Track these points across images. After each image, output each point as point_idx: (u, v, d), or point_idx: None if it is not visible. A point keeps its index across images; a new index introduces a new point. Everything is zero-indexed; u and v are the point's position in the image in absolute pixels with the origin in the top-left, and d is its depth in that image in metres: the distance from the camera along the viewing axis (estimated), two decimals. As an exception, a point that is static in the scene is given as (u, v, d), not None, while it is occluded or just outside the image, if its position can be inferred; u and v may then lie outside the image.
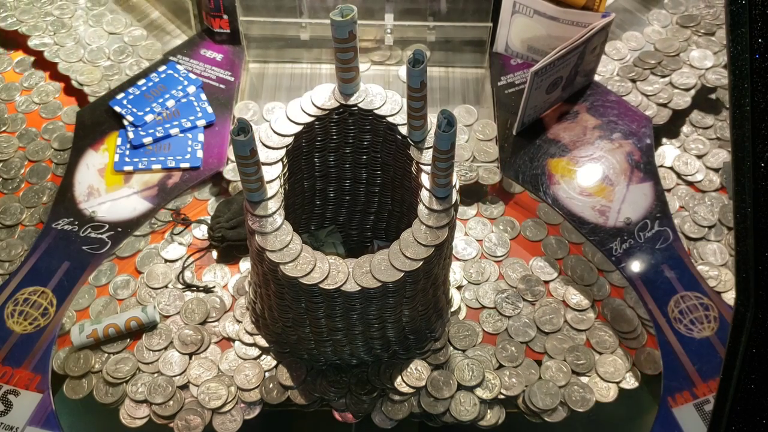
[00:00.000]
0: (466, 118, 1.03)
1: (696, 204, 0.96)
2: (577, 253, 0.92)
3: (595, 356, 0.84)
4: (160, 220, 0.94)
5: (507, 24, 1.04)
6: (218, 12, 1.06)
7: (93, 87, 1.05)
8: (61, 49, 1.10)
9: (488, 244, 0.93)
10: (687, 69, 1.07)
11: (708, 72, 1.06)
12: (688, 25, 1.12)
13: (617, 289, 0.89)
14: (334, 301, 0.72)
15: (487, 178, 0.96)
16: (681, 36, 1.11)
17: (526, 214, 0.96)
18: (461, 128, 1.01)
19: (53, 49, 1.10)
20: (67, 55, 1.09)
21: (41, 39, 1.11)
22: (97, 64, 1.08)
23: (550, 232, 0.94)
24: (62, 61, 1.08)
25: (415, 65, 0.67)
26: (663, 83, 1.05)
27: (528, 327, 0.86)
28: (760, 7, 0.54)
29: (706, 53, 1.08)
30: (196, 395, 0.80)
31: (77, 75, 1.07)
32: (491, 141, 1.00)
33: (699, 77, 1.06)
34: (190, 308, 0.87)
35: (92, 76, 1.06)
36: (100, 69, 1.07)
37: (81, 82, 1.06)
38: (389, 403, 0.81)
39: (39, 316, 0.83)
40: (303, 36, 1.09)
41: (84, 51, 1.09)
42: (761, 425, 0.54)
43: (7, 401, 0.78)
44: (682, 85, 1.05)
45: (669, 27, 1.12)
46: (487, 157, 0.98)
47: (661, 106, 1.03)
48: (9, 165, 1.00)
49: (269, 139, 0.75)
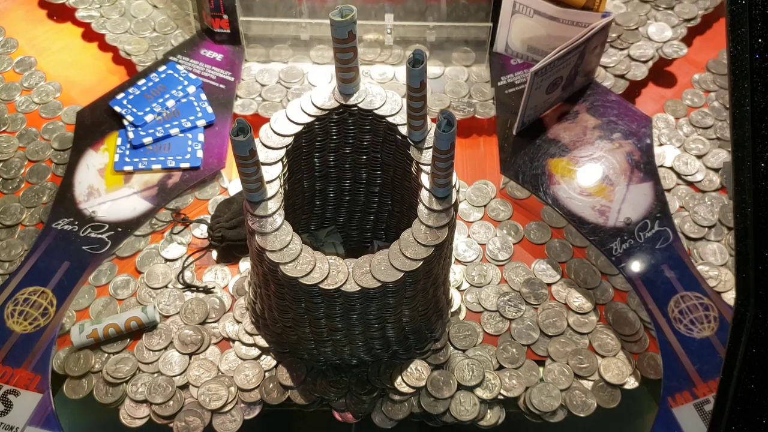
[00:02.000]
0: (464, 59, 1.09)
1: (696, 204, 0.95)
2: (581, 257, 0.92)
3: (597, 360, 0.84)
4: (160, 220, 0.94)
5: (507, 24, 1.04)
6: (218, 12, 1.06)
7: (140, 57, 1.09)
8: (108, 21, 1.13)
9: (491, 247, 0.93)
10: (644, 42, 1.10)
11: (665, 45, 1.10)
12: (649, 1, 1.15)
13: (620, 293, 0.89)
14: (334, 301, 0.72)
15: (483, 113, 1.02)
16: (641, 10, 1.14)
17: (530, 217, 0.96)
18: (461, 68, 1.06)
19: (100, 21, 1.13)
20: (114, 27, 1.12)
21: (88, 11, 1.14)
22: (143, 36, 1.11)
23: (554, 235, 0.94)
24: (109, 32, 1.12)
25: (415, 65, 0.67)
26: (622, 55, 1.09)
27: (531, 330, 0.86)
28: (760, 7, 0.54)
29: (664, 26, 1.11)
30: (197, 396, 0.80)
31: (125, 45, 1.10)
32: (487, 83, 1.06)
33: (657, 50, 1.09)
34: (190, 308, 0.87)
35: (139, 46, 1.10)
36: (146, 40, 1.11)
37: (129, 51, 1.09)
38: (389, 403, 0.81)
39: (39, 316, 0.83)
40: (303, 36, 1.09)
41: (130, 23, 1.13)
42: (761, 425, 0.54)
43: (7, 401, 0.78)
44: (639, 57, 1.08)
45: (630, 2, 1.15)
46: (483, 96, 1.05)
47: (619, 77, 1.07)
48: (9, 165, 1.00)
49: (269, 139, 0.75)
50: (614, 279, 0.90)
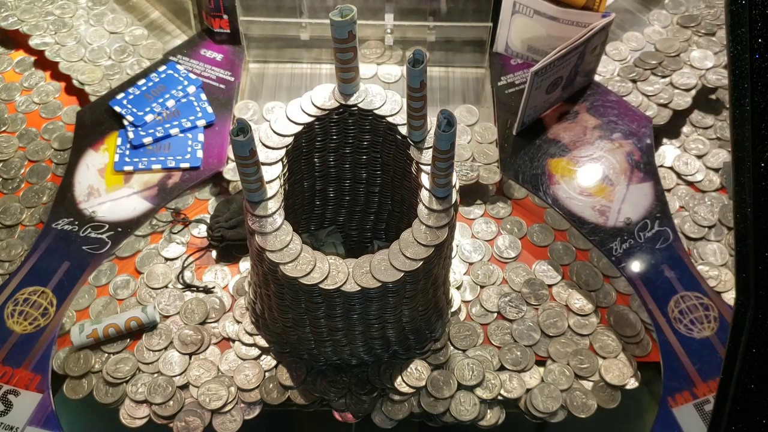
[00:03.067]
0: (467, 118, 1.03)
1: (696, 204, 0.95)
2: (584, 260, 0.92)
3: (598, 360, 0.84)
4: (161, 221, 0.94)
5: (507, 24, 1.04)
6: (218, 12, 1.06)
7: (94, 86, 1.05)
8: (62, 49, 1.10)
9: (499, 244, 0.93)
10: (687, 69, 1.07)
11: (708, 72, 1.06)
12: (689, 26, 1.12)
13: (623, 297, 0.88)
14: (334, 301, 0.72)
15: (488, 178, 0.96)
16: (681, 36, 1.10)
17: (533, 219, 0.95)
18: (463, 128, 1.02)
19: (54, 48, 1.10)
20: (68, 55, 1.09)
21: (42, 38, 1.11)
22: (98, 64, 1.08)
23: (557, 237, 0.94)
24: (63, 60, 1.08)
25: (415, 65, 0.67)
26: (663, 83, 1.05)
27: (532, 330, 0.86)
28: (760, 7, 0.54)
29: (706, 53, 1.08)
30: (197, 396, 0.80)
31: (78, 74, 1.07)
32: (492, 144, 1.00)
33: (699, 77, 1.05)
34: (190, 308, 0.87)
35: (93, 75, 1.06)
36: (101, 68, 1.07)
37: (82, 81, 1.06)
38: (389, 403, 0.81)
39: (39, 316, 0.83)
40: (303, 36, 1.09)
41: (85, 50, 1.09)
42: (761, 425, 0.54)
43: (7, 401, 0.78)
44: (682, 85, 1.05)
45: (669, 27, 1.12)
46: (487, 159, 0.98)
47: (662, 106, 1.03)
48: (9, 165, 1.00)
49: (269, 139, 0.75)
50: (617, 282, 0.89)
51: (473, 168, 0.97)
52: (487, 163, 0.98)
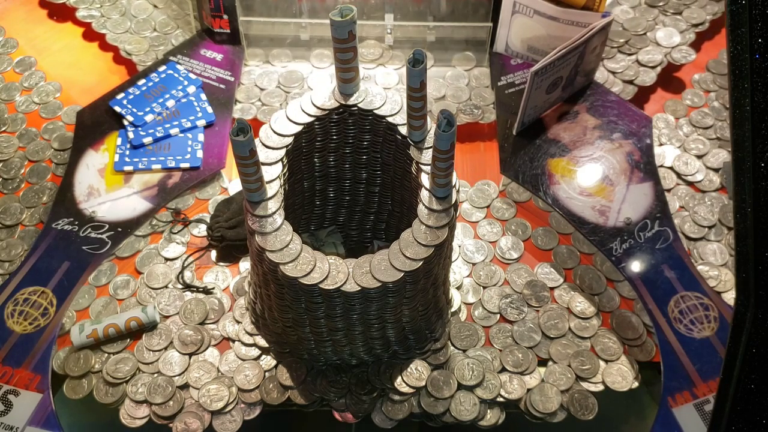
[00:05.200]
0: (465, 63, 1.09)
1: (696, 204, 0.95)
2: (588, 264, 0.91)
3: (599, 362, 0.84)
4: (161, 221, 0.93)
5: (507, 24, 1.04)
6: (218, 12, 1.06)
7: (140, 56, 1.09)
8: (108, 21, 1.13)
9: (502, 245, 0.93)
10: (653, 47, 1.09)
11: (674, 50, 1.09)
12: (656, 5, 1.14)
13: (627, 301, 0.88)
14: (334, 301, 0.72)
15: (486, 118, 1.02)
16: (649, 15, 1.13)
17: (538, 222, 0.95)
18: (461, 72, 1.06)
19: (100, 20, 1.13)
20: (115, 26, 1.13)
21: (89, 11, 1.15)
22: (143, 35, 1.11)
23: (561, 241, 0.93)
24: (110, 32, 1.12)
25: (415, 65, 0.67)
26: (630, 61, 1.08)
27: (533, 332, 0.86)
28: (760, 7, 0.54)
29: (672, 32, 1.11)
30: (198, 398, 0.80)
31: (126, 45, 1.10)
32: (487, 87, 1.06)
33: (665, 55, 1.08)
34: (189, 309, 0.87)
35: (140, 46, 1.10)
36: (147, 39, 1.11)
37: (129, 51, 1.09)
38: (389, 403, 0.81)
39: (39, 316, 0.83)
40: (303, 36, 1.09)
41: (131, 23, 1.13)
42: (761, 425, 0.54)
43: (7, 401, 0.78)
44: (648, 62, 1.08)
45: (637, 7, 1.14)
46: (483, 101, 1.04)
47: (627, 83, 1.06)
48: (9, 165, 1.00)
49: (269, 139, 0.75)
50: (621, 287, 0.89)
51: (477, 106, 1.03)
52: (485, 105, 1.04)
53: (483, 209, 0.96)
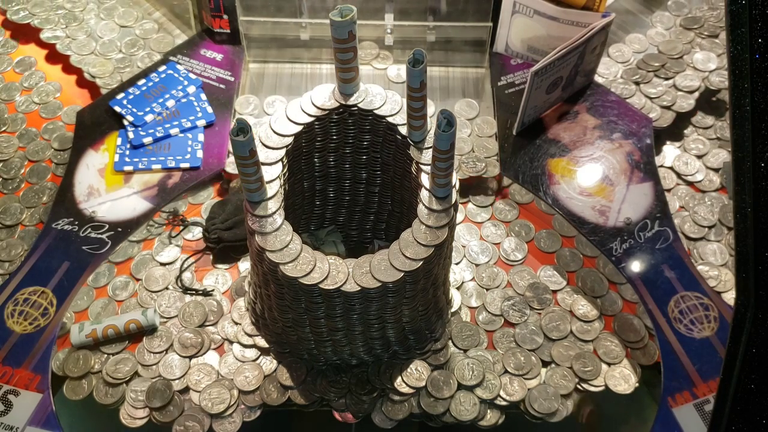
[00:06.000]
0: (467, 112, 1.04)
1: (696, 204, 0.95)
2: (591, 267, 0.91)
3: (601, 364, 0.83)
4: (157, 223, 0.93)
5: (507, 24, 1.04)
6: (218, 12, 1.06)
7: (105, 79, 1.06)
8: (73, 42, 1.11)
9: (506, 246, 0.93)
10: (690, 71, 1.06)
11: (711, 74, 1.06)
12: (692, 27, 1.11)
13: (630, 305, 0.88)
14: (333, 301, 0.72)
15: (489, 171, 0.97)
16: (684, 38, 1.10)
17: (540, 225, 0.95)
18: (462, 122, 1.02)
19: (65, 41, 1.11)
20: (80, 48, 1.10)
21: (53, 32, 1.12)
22: (109, 57, 1.09)
23: (564, 244, 0.93)
24: (74, 53, 1.09)
25: (415, 65, 0.67)
26: (667, 86, 1.05)
27: (535, 334, 0.86)
28: (760, 7, 0.54)
29: (709, 55, 1.08)
30: (199, 402, 0.80)
31: (89, 67, 1.07)
32: (491, 137, 1.01)
33: (702, 79, 1.05)
34: (188, 311, 0.86)
35: (104, 68, 1.07)
36: (111, 61, 1.08)
37: (93, 74, 1.07)
38: (389, 403, 0.81)
39: (39, 316, 0.83)
40: (303, 36, 1.09)
41: (96, 44, 1.10)
42: (761, 425, 0.54)
43: (7, 401, 0.78)
44: (685, 87, 1.04)
45: (672, 29, 1.12)
46: (487, 152, 0.99)
47: (665, 108, 1.03)
48: (9, 165, 1.00)
49: (269, 139, 0.75)
50: (623, 290, 0.89)
51: (479, 158, 0.97)
52: (487, 157, 0.98)
53: (487, 208, 0.96)
